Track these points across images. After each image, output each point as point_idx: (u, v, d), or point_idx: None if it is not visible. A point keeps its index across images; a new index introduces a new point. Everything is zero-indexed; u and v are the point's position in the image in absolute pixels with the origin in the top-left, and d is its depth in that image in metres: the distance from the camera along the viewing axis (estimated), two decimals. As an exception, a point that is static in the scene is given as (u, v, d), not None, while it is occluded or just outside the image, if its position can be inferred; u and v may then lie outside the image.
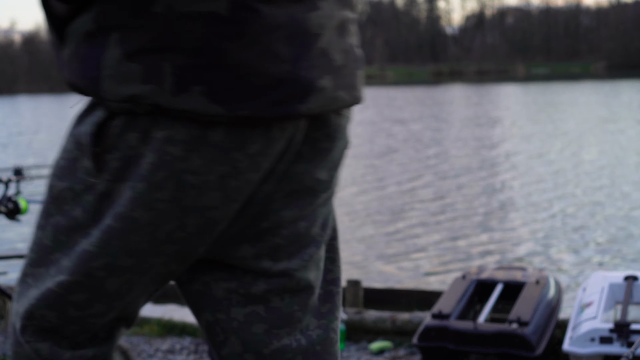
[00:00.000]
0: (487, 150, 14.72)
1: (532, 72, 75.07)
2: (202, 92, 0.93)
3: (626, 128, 17.44)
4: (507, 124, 20.24)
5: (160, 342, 3.85)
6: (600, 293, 3.18)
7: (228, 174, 0.99)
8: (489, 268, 3.80)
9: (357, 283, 3.98)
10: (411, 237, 7.47)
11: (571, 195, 9.35)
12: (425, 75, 77.55)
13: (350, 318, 3.66)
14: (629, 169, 11.30)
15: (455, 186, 10.51)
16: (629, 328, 2.82)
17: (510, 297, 3.49)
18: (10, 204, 3.57)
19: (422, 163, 13.20)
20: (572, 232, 7.38)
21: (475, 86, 48.24)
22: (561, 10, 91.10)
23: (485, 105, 28.97)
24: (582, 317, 3.03)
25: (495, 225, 7.82)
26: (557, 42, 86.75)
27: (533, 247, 6.83)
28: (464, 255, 6.63)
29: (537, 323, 3.13)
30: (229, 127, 0.96)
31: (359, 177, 11.80)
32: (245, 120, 0.96)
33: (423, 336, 3.17)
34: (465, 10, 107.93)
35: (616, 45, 75.18)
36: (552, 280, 3.57)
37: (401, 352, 3.49)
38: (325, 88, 1.01)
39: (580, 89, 38.04)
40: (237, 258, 1.08)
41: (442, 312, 3.22)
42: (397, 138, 17.84)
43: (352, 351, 3.56)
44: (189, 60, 0.94)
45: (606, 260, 6.31)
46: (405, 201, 9.50)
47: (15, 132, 24.97)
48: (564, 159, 12.88)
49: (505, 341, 3.02)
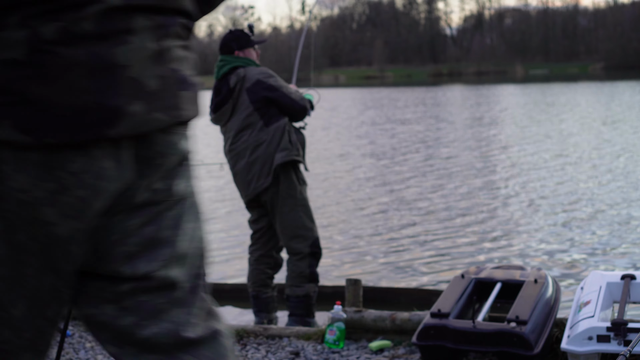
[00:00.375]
0: (486, 150, 14.76)
1: (531, 73, 75.12)
2: (11, 125, 1.09)
3: (625, 128, 17.48)
4: (507, 124, 20.28)
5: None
6: (598, 292, 3.21)
7: (56, 190, 1.13)
8: (488, 267, 3.81)
9: (357, 282, 4.00)
10: (411, 236, 7.50)
11: (570, 195, 9.38)
12: (424, 76, 77.60)
13: (350, 317, 3.69)
14: (628, 169, 11.33)
15: (454, 185, 10.54)
16: (626, 327, 2.84)
17: (508, 296, 3.51)
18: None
19: (422, 163, 13.23)
20: (570, 231, 7.41)
21: (475, 87, 48.28)
22: (559, 11, 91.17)
23: (484, 105, 29.00)
24: (580, 315, 3.06)
25: (495, 225, 7.85)
26: (555, 43, 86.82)
27: (532, 247, 6.86)
28: (463, 255, 6.66)
29: (536, 322, 3.15)
30: (47, 150, 1.11)
31: (359, 177, 11.83)
32: (54, 145, 1.11)
33: (422, 335, 3.20)
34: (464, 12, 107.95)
35: (613, 46, 75.23)
36: (550, 280, 3.60)
37: (400, 350, 3.52)
38: (137, 112, 1.15)
39: (579, 89, 38.08)
40: (103, 268, 1.24)
41: (441, 311, 3.24)
42: (397, 138, 17.87)
43: (352, 350, 3.58)
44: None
45: (604, 259, 6.34)
46: (405, 200, 9.53)
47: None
48: (563, 158, 12.91)
49: (503, 340, 3.05)
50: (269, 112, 4.25)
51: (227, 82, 4.29)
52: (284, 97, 4.25)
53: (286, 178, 4.28)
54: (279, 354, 3.58)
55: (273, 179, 4.23)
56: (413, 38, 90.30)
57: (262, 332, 3.87)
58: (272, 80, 4.26)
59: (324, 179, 11.84)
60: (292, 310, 4.38)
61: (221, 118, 4.37)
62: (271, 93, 4.23)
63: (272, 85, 4.24)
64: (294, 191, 4.29)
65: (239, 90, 4.26)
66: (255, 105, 4.24)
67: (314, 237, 4.34)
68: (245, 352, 3.65)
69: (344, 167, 13.23)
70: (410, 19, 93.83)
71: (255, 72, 4.28)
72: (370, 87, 56.78)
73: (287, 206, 4.27)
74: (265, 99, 4.24)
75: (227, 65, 4.31)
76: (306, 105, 4.33)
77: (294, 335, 3.82)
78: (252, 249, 4.51)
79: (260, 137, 4.24)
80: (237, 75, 4.26)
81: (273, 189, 4.26)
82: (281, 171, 4.26)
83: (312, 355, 3.54)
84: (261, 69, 4.32)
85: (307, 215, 4.33)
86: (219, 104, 4.33)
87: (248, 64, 4.32)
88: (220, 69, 4.35)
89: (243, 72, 4.27)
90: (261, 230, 4.45)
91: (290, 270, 4.35)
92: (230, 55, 4.34)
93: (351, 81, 73.56)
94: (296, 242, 4.30)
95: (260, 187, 4.26)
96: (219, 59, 4.39)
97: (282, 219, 4.29)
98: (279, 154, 4.21)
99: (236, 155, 4.32)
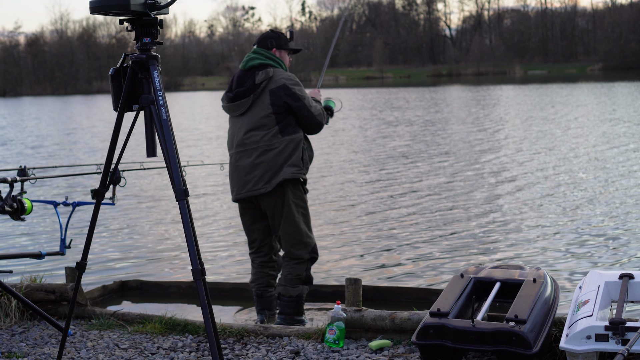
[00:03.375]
0: (486, 149, 14.77)
1: (530, 73, 75.12)
2: None
3: (625, 128, 17.49)
4: (507, 125, 20.29)
5: (162, 340, 3.89)
6: (596, 291, 3.23)
7: None
8: (487, 267, 3.83)
9: (357, 281, 4.02)
10: (410, 235, 7.51)
11: (568, 194, 9.40)
12: (423, 76, 77.57)
13: (350, 316, 3.71)
14: (627, 169, 11.35)
15: (454, 185, 10.56)
16: (624, 325, 2.86)
17: (507, 296, 3.53)
18: (16, 203, 3.63)
19: (422, 162, 13.24)
20: (569, 231, 7.43)
21: (474, 87, 48.29)
22: (558, 12, 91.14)
23: (484, 106, 29.00)
24: (578, 315, 3.07)
25: (494, 225, 7.87)
26: (553, 44, 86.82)
27: (530, 246, 6.88)
28: (462, 254, 6.68)
29: (534, 321, 3.17)
30: None
31: (359, 176, 11.85)
32: None
33: (422, 334, 3.21)
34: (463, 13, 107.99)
35: (612, 47, 75.23)
36: (549, 279, 3.61)
37: (400, 349, 3.54)
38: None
39: (578, 89, 38.09)
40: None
41: (440, 310, 3.26)
42: (397, 138, 17.88)
43: (352, 349, 3.60)
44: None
45: (602, 259, 6.36)
46: (405, 200, 9.54)
47: (20, 133, 24.95)
48: (562, 159, 12.93)
49: (502, 339, 3.06)
50: (286, 120, 4.25)
51: (253, 77, 4.27)
52: (304, 109, 4.25)
53: (294, 189, 4.32)
54: (279, 353, 3.60)
55: (276, 188, 4.24)
56: (412, 39, 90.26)
57: (262, 331, 3.89)
58: (298, 89, 4.26)
59: (325, 178, 11.85)
60: (282, 309, 4.42)
61: (236, 109, 4.34)
62: (293, 101, 4.23)
63: (297, 93, 4.24)
64: (299, 200, 4.34)
65: (263, 89, 4.25)
66: (274, 108, 4.22)
67: (313, 244, 4.41)
68: (246, 351, 3.67)
69: (345, 166, 13.24)
70: (410, 19, 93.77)
71: (283, 75, 4.28)
72: (370, 87, 56.77)
73: (290, 214, 4.30)
74: (286, 105, 4.23)
75: (258, 59, 4.30)
76: (322, 122, 4.34)
77: (294, 334, 3.84)
78: (254, 257, 4.53)
79: (272, 143, 4.23)
80: (266, 73, 4.25)
81: (275, 197, 4.28)
82: (288, 183, 4.29)
83: (312, 354, 3.56)
84: (289, 74, 4.32)
85: (307, 223, 4.40)
86: (239, 95, 4.30)
87: (279, 66, 4.33)
88: (250, 60, 4.32)
89: (272, 72, 4.26)
90: (258, 240, 4.48)
91: (287, 272, 4.38)
92: (266, 51, 4.34)
93: (351, 82, 73.51)
94: (298, 248, 4.34)
95: (257, 192, 4.26)
96: (253, 50, 4.37)
97: (285, 226, 4.32)
98: (289, 169, 4.22)
99: (242, 151, 4.31)
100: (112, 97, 2.89)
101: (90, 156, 16.86)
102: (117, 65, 2.88)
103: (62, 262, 6.18)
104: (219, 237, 7.84)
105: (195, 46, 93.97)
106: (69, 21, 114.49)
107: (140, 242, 7.82)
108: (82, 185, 12.05)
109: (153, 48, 2.83)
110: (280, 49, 4.37)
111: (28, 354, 3.71)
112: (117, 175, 3.77)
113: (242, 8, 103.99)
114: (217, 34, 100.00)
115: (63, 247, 3.87)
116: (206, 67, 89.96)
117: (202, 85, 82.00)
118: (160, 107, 2.76)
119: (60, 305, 4.37)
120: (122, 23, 2.83)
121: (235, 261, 6.77)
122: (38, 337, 4.00)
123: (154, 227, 8.58)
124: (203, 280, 2.68)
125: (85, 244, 3.00)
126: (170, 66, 76.97)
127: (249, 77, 4.29)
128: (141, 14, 2.75)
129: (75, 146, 19.68)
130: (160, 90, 2.77)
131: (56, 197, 10.05)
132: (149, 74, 2.80)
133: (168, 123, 2.74)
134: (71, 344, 3.86)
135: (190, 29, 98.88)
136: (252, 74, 4.28)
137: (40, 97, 67.89)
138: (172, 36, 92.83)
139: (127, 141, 2.93)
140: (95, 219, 2.97)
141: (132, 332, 4.03)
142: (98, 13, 2.75)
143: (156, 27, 2.81)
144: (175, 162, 2.72)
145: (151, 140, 2.84)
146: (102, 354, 3.68)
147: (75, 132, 24.69)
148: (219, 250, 7.24)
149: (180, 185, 2.71)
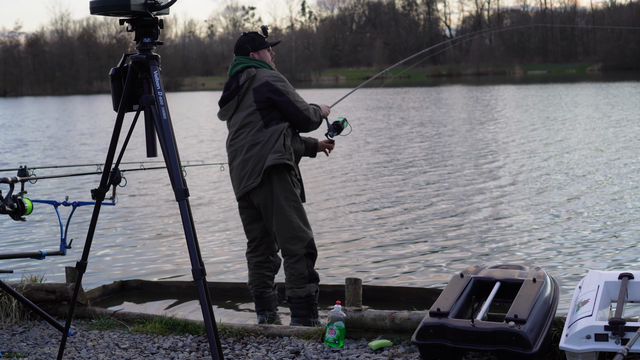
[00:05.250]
0: (486, 150, 14.77)
1: (529, 73, 75.12)
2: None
3: (624, 129, 17.49)
4: (507, 125, 20.29)
5: (162, 339, 3.89)
6: (596, 291, 3.23)
7: None
8: (487, 266, 3.83)
9: (357, 281, 4.02)
10: (410, 235, 7.52)
11: (568, 194, 9.41)
12: (423, 76, 77.57)
13: (350, 316, 3.71)
14: (627, 169, 11.35)
15: (454, 185, 10.56)
16: (624, 325, 2.86)
17: (507, 295, 3.53)
18: (16, 203, 3.63)
19: (422, 163, 13.24)
20: (569, 231, 7.43)
21: (474, 87, 48.29)
22: (557, 12, 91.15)
23: (484, 106, 29.01)
24: (578, 314, 3.08)
25: (494, 224, 7.87)
26: (553, 44, 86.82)
27: (531, 246, 6.88)
28: (462, 254, 6.69)
29: (534, 321, 3.17)
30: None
31: (360, 176, 11.85)
32: None
33: (421, 334, 3.22)
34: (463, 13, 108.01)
35: (611, 48, 75.22)
36: (549, 279, 3.61)
37: (400, 349, 3.54)
38: None
39: (578, 90, 38.09)
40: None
41: (440, 310, 3.26)
42: (397, 138, 17.88)
43: (352, 349, 3.60)
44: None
45: (602, 258, 6.36)
46: (405, 200, 9.55)
47: (20, 133, 24.95)
48: (562, 159, 12.93)
49: (502, 339, 3.07)
50: (270, 114, 4.29)
51: (237, 80, 4.36)
52: (289, 103, 4.28)
53: (280, 180, 4.30)
54: (279, 353, 3.61)
55: (263, 179, 4.25)
56: (412, 39, 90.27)
57: (262, 331, 3.90)
58: (281, 84, 4.30)
59: (325, 178, 11.86)
60: (294, 311, 4.38)
61: (225, 113, 4.44)
62: (277, 96, 4.27)
63: (280, 89, 4.28)
64: (288, 193, 4.31)
65: (246, 88, 4.32)
66: (258, 105, 4.28)
67: (309, 238, 4.35)
68: (246, 351, 3.67)
69: (345, 166, 13.24)
70: (410, 20, 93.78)
71: (266, 74, 4.33)
72: (370, 87, 56.77)
73: (281, 207, 4.28)
74: (269, 101, 4.28)
75: (240, 64, 4.39)
76: (310, 117, 4.34)
77: (294, 334, 3.84)
78: (250, 256, 4.53)
79: (257, 137, 4.28)
80: (248, 73, 4.33)
81: (264, 190, 4.28)
82: (275, 173, 4.28)
83: (312, 354, 3.56)
84: (273, 72, 4.37)
85: (301, 216, 4.34)
86: (225, 99, 4.40)
87: (262, 66, 4.38)
88: (234, 66, 4.42)
89: (254, 72, 4.33)
90: (256, 239, 4.48)
91: (289, 274, 4.35)
92: (246, 57, 4.40)
93: (351, 82, 73.50)
94: (292, 243, 4.31)
95: (249, 187, 4.29)
96: (234, 59, 4.45)
97: (277, 220, 4.30)
98: (271, 156, 4.24)
99: (234, 151, 4.38)
100: (113, 97, 2.89)
101: (91, 156, 16.87)
102: (118, 65, 2.89)
103: (63, 262, 6.19)
104: (219, 237, 7.84)
105: (195, 46, 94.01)
106: (69, 21, 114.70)
107: (140, 242, 7.82)
108: (82, 185, 12.06)
109: (153, 48, 2.84)
110: (257, 51, 4.41)
111: (28, 353, 3.72)
112: (117, 175, 3.77)
113: (242, 8, 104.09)
114: (217, 34, 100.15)
115: (63, 247, 3.87)
116: (206, 67, 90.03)
117: (202, 86, 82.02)
118: (160, 107, 2.76)
119: (61, 305, 4.38)
120: (122, 23, 2.84)
121: (235, 261, 6.77)
122: (38, 337, 4.00)
123: (154, 227, 8.59)
124: (203, 280, 2.68)
125: (85, 244, 3.00)
126: (170, 66, 77.04)
127: (233, 81, 4.41)
128: (141, 14, 2.76)
129: (75, 146, 19.69)
130: (160, 91, 2.78)
131: (56, 197, 10.06)
132: (149, 74, 2.81)
133: (168, 123, 2.75)
134: (71, 343, 3.86)
135: (191, 29, 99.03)
136: (237, 78, 4.39)
137: (40, 97, 67.88)
138: (172, 36, 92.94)
139: (127, 141, 2.94)
140: (96, 218, 2.98)
141: (133, 332, 4.03)
142: (98, 13, 2.75)
143: (156, 27, 2.82)
144: (175, 162, 2.72)
145: (151, 140, 2.85)
146: (103, 354, 3.68)
147: (75, 132, 24.70)
148: (219, 250, 7.25)
149: (181, 185, 2.71)
